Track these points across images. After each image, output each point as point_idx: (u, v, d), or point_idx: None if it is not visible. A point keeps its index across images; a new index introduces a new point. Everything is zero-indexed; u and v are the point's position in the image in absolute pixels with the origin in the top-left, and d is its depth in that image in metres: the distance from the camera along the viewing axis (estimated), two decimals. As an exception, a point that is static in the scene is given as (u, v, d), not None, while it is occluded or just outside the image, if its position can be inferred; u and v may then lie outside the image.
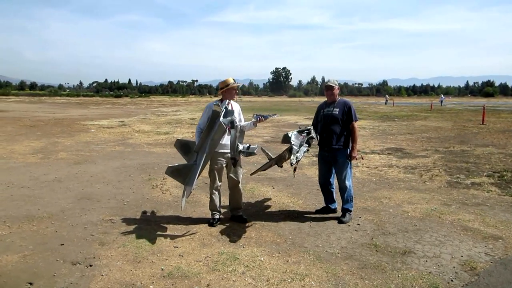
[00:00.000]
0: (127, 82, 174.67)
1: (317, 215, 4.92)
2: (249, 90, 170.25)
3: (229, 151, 4.44)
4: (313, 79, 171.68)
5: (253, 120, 4.56)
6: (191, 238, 4.11)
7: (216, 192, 4.56)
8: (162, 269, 3.37)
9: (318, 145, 4.88)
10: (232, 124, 4.24)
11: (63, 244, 3.88)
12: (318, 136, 4.82)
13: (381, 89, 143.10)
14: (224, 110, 4.23)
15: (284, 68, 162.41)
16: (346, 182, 4.71)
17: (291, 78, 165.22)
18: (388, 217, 4.79)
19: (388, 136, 14.06)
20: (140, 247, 3.83)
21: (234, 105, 4.59)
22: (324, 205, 5.04)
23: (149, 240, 4.01)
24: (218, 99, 4.64)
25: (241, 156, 4.51)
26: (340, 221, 4.63)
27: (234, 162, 4.42)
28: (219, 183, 4.55)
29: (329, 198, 4.99)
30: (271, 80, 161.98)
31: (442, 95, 51.06)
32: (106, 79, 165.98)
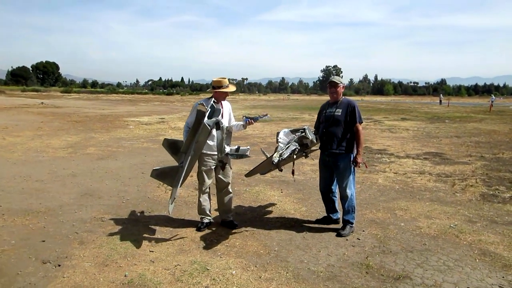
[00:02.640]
0: (180, 80, 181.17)
1: (317, 225, 4.50)
2: (299, 88, 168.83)
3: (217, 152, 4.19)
4: (365, 78, 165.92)
5: (242, 122, 4.27)
6: (171, 243, 3.91)
7: (205, 196, 4.32)
8: (126, 275, 3.20)
9: (319, 149, 4.46)
10: (217, 125, 3.97)
11: (44, 241, 3.86)
12: (318, 138, 4.40)
13: (438, 89, 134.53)
14: (210, 110, 3.97)
15: (335, 66, 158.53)
16: (348, 190, 4.24)
17: (342, 76, 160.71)
18: (396, 233, 4.24)
19: (432, 139, 12.97)
20: (115, 249, 3.70)
21: (225, 104, 4.33)
22: (326, 214, 4.61)
23: (127, 242, 3.87)
24: (208, 97, 4.39)
25: (232, 158, 4.23)
26: (338, 234, 4.18)
27: (222, 165, 4.17)
28: (208, 186, 4.31)
29: (330, 207, 4.54)
30: (321, 78, 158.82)
31: (492, 95, 46.72)
32: (160, 77, 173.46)
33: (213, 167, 4.25)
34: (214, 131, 4.03)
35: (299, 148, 4.21)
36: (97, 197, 5.44)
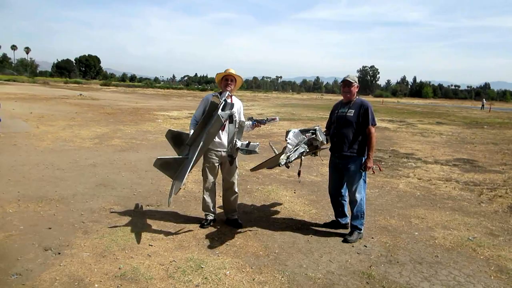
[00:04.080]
0: (214, 76, 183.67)
1: (324, 229, 4.33)
2: (333, 88, 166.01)
3: (224, 149, 4.11)
4: (403, 79, 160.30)
5: (250, 124, 4.18)
6: (172, 238, 3.89)
7: (209, 192, 4.27)
8: (120, 268, 3.20)
9: (330, 150, 4.28)
10: (231, 118, 3.89)
11: (50, 228, 3.96)
12: (328, 139, 4.22)
13: (481, 93, 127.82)
14: (223, 102, 3.87)
15: (372, 67, 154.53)
16: (357, 195, 4.04)
17: (379, 77, 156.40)
18: (407, 242, 4.00)
19: (466, 145, 12.27)
20: (115, 240, 3.73)
21: (235, 101, 4.23)
22: (334, 218, 4.43)
23: (129, 235, 3.89)
24: (218, 92, 4.30)
25: (242, 153, 4.13)
26: (344, 239, 3.99)
27: (231, 159, 4.08)
28: (212, 182, 4.25)
29: (339, 211, 4.36)
30: (357, 78, 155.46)
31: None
32: (196, 73, 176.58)
33: (217, 164, 4.18)
34: (226, 124, 3.96)
35: (307, 150, 4.05)
36: (110, 188, 5.54)
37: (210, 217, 4.32)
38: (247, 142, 4.11)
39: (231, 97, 4.19)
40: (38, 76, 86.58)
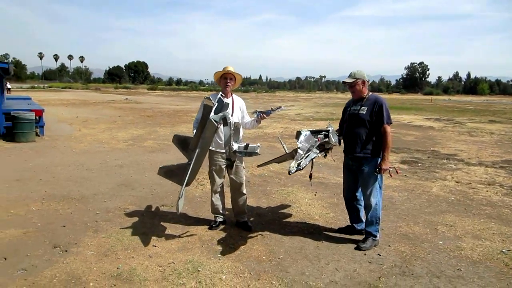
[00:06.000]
0: (258, 78, 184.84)
1: (337, 235, 4.08)
2: (380, 86, 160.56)
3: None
4: (456, 75, 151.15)
5: (255, 117, 4.03)
6: (177, 239, 3.86)
7: (217, 194, 4.18)
8: (118, 268, 3.20)
9: (343, 152, 4.02)
10: (224, 120, 3.76)
11: (64, 226, 4.09)
12: (341, 140, 3.97)
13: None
14: (217, 104, 3.77)
15: (421, 63, 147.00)
16: (372, 199, 3.75)
17: (429, 74, 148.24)
18: (428, 252, 3.64)
19: (519, 145, 11.20)
20: (121, 240, 3.76)
21: (236, 100, 4.13)
22: (349, 223, 4.16)
23: (135, 235, 3.91)
24: (217, 92, 4.19)
25: (240, 156, 4.01)
26: (357, 246, 3.73)
27: (230, 163, 3.97)
28: (219, 185, 4.16)
29: (354, 216, 4.08)
30: (404, 76, 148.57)
31: None
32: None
33: (223, 166, 4.08)
34: (221, 127, 3.84)
35: (319, 155, 3.82)
36: (131, 188, 5.65)
37: (219, 219, 4.24)
38: (245, 144, 3.92)
39: (231, 96, 4.11)
40: (91, 83, 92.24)
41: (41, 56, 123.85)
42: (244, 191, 4.19)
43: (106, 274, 3.11)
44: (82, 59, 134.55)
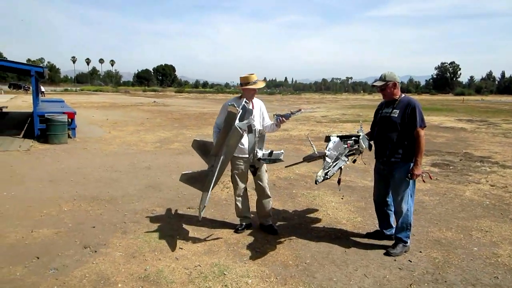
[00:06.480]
0: (283, 80, 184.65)
1: (366, 240, 3.97)
2: (408, 87, 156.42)
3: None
4: (489, 75, 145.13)
5: (274, 121, 3.94)
6: (203, 242, 3.87)
7: (240, 198, 4.16)
8: (145, 269, 3.24)
9: (375, 156, 3.90)
10: (249, 128, 3.67)
11: (94, 227, 4.19)
12: (372, 145, 3.85)
13: None
14: (241, 111, 3.66)
15: (452, 63, 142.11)
16: (403, 204, 3.62)
17: (460, 74, 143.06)
18: (462, 259, 3.48)
19: (560, 147, 10.59)
20: (148, 242, 3.81)
21: (256, 103, 4.07)
22: (378, 228, 4.04)
23: (162, 237, 3.95)
24: (238, 96, 4.15)
25: (265, 163, 3.96)
26: (387, 252, 3.61)
27: (253, 170, 3.96)
28: (242, 189, 4.13)
29: (384, 221, 3.96)
30: (435, 76, 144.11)
31: None
32: (264, 77, 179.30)
33: (246, 170, 4.05)
34: (245, 135, 3.76)
35: (347, 162, 3.72)
36: (158, 189, 5.74)
37: (245, 223, 4.23)
38: (269, 151, 3.86)
39: (251, 102, 4.00)
40: (121, 86, 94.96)
41: (74, 60, 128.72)
42: (269, 193, 4.14)
43: (134, 275, 3.15)
44: (112, 62, 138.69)
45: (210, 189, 3.72)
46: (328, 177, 3.44)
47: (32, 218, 4.40)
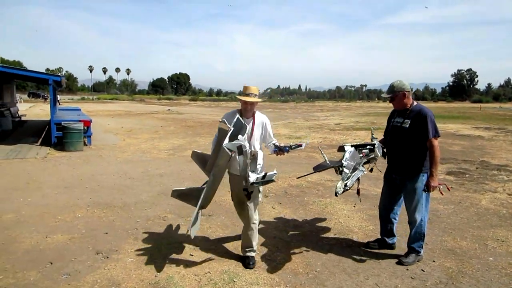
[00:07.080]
0: (297, 88, 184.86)
1: (376, 250, 3.91)
2: (424, 94, 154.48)
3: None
4: (508, 82, 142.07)
5: (271, 151, 3.64)
6: (214, 249, 3.88)
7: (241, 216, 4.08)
8: (156, 276, 3.27)
9: (387, 164, 3.86)
10: (239, 149, 3.22)
11: (107, 233, 4.25)
12: (385, 152, 3.82)
13: None
14: (232, 129, 3.28)
15: (468, 70, 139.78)
16: (417, 215, 3.55)
17: (477, 81, 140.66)
18: (477, 269, 3.40)
19: None
20: (159, 248, 3.84)
21: (259, 119, 3.63)
22: (379, 236, 3.98)
23: (173, 243, 3.98)
24: (237, 109, 3.71)
25: (257, 186, 3.47)
26: (399, 261, 3.55)
27: (247, 194, 3.43)
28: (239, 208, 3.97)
29: (387, 229, 3.90)
30: (451, 83, 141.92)
31: None
32: (278, 85, 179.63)
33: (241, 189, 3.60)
34: (237, 156, 3.32)
35: (365, 172, 3.70)
36: (170, 197, 5.77)
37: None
38: (263, 174, 3.35)
39: (253, 116, 3.61)
40: (136, 94, 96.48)
41: (91, 69, 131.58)
42: (252, 227, 3.62)
43: (144, 281, 3.18)
44: (128, 71, 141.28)
45: (197, 208, 3.46)
46: (348, 188, 3.43)
47: (47, 224, 4.50)
